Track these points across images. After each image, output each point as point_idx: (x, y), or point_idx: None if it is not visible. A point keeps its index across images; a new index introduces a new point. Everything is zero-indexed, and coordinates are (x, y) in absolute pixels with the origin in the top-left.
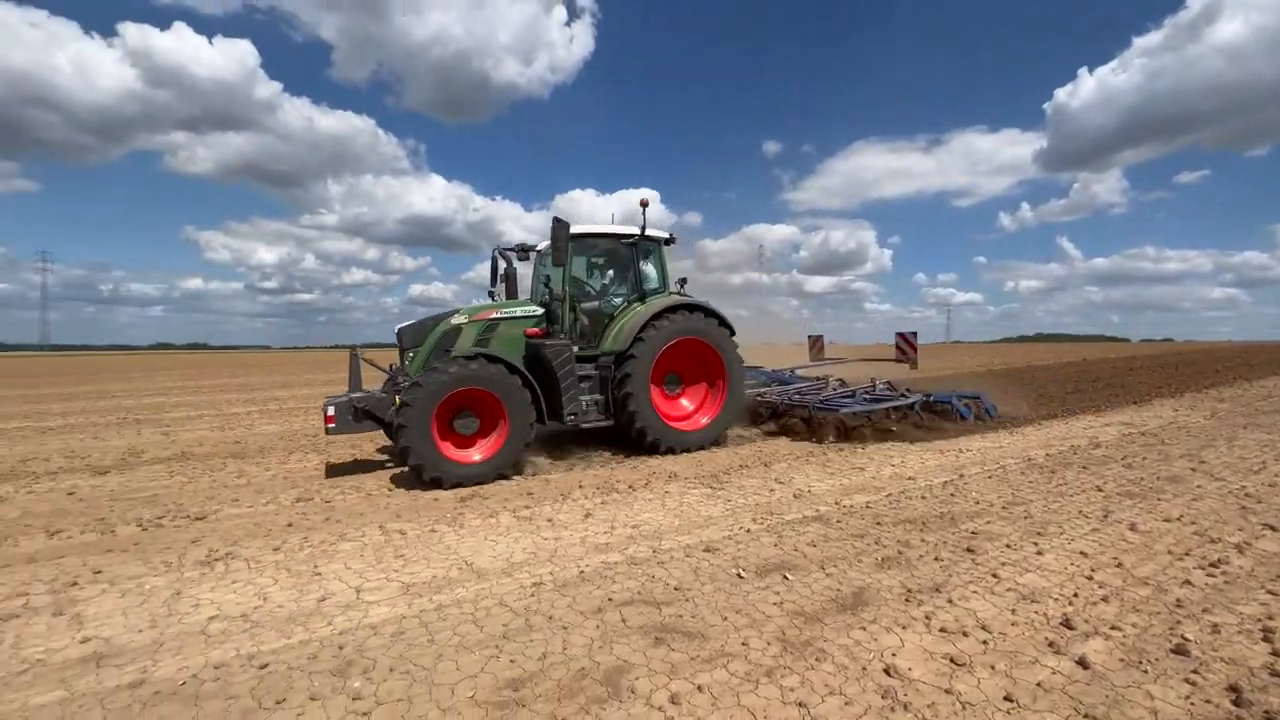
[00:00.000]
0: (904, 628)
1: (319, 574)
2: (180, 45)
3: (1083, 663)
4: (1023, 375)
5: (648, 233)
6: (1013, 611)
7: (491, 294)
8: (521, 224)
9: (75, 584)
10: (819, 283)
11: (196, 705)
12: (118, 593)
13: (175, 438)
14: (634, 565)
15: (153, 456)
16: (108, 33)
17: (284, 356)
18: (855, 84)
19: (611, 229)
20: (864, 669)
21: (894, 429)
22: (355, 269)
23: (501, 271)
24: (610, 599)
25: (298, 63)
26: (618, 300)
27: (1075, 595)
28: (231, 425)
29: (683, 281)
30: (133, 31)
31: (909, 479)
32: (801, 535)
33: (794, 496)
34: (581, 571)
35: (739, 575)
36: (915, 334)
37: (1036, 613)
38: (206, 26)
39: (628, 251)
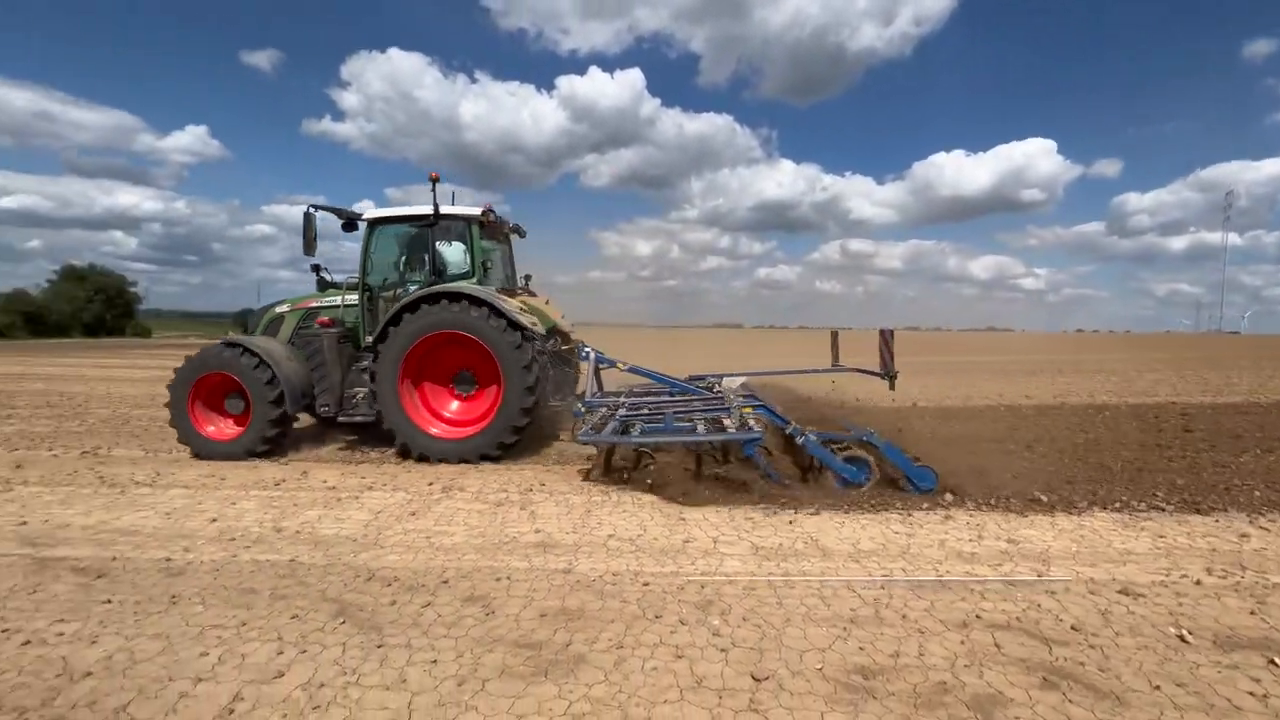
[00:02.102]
0: None
1: (684, 520)
2: (593, 85)
3: None
4: None
5: (446, 211)
6: None
7: (315, 268)
8: (872, 199)
9: (531, 490)
10: None
11: (601, 600)
12: (554, 503)
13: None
14: (1011, 587)
15: None
16: (550, 87)
17: (654, 332)
18: None
19: (407, 210)
20: None
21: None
22: (710, 257)
23: (314, 236)
24: (978, 616)
25: (672, 77)
26: (413, 287)
27: None
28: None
29: (527, 278)
30: (564, 83)
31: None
32: None
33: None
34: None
35: (1180, 638)
36: (893, 332)
37: None
38: (610, 64)
39: (425, 234)
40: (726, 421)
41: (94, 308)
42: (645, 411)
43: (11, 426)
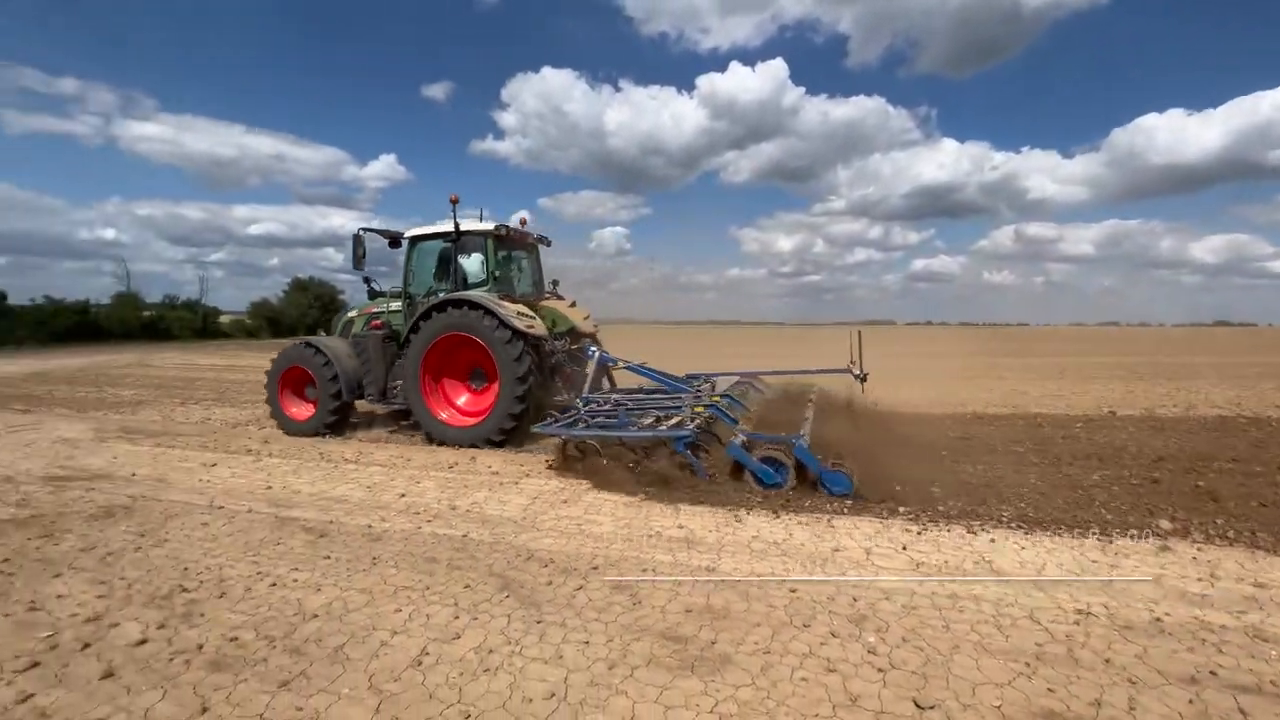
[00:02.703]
0: None
1: (833, 527)
2: (733, 80)
3: None
4: None
5: (465, 228)
6: None
7: (367, 280)
8: (1055, 175)
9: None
10: None
11: (746, 602)
12: (698, 503)
13: None
14: (1260, 641)
15: None
16: (690, 88)
17: (795, 330)
18: None
19: (437, 228)
20: None
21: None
22: (858, 249)
23: (363, 254)
24: (1213, 673)
25: (817, 63)
26: (442, 295)
27: None
28: None
29: (555, 283)
30: (703, 81)
31: None
32: None
33: None
34: (1159, 620)
35: None
36: (860, 333)
37: None
38: (751, 57)
39: (450, 248)
40: (662, 421)
41: (314, 312)
42: (608, 407)
43: (263, 410)
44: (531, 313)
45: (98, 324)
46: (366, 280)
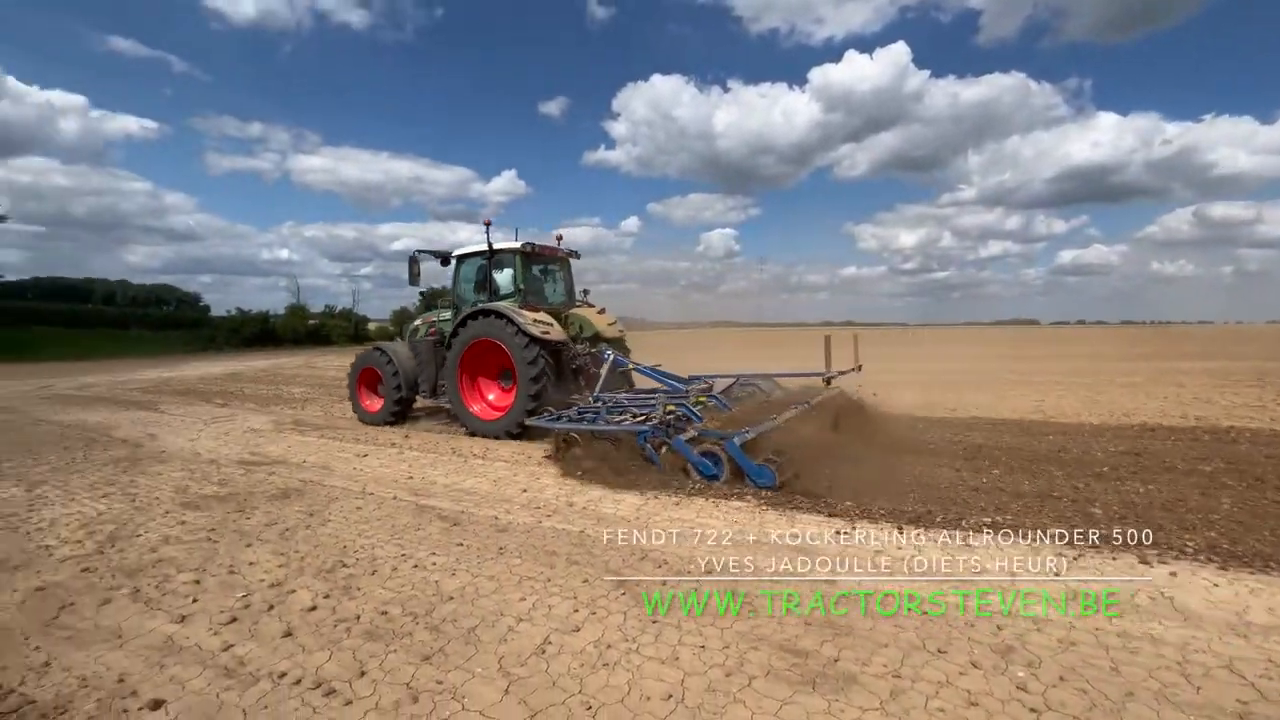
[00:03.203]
0: None
1: (969, 546)
2: (849, 70)
3: None
4: None
5: (497, 247)
6: None
7: (422, 294)
8: (1251, 146)
9: (795, 497)
10: None
11: (871, 620)
12: (814, 512)
13: None
14: None
15: None
16: (801, 82)
17: (918, 332)
18: None
19: (476, 248)
20: None
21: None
22: (992, 241)
23: (418, 273)
24: None
25: (944, 43)
26: (478, 305)
27: None
28: (884, 392)
29: (585, 292)
30: (816, 74)
31: None
32: None
33: None
34: None
35: None
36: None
37: None
38: (868, 44)
39: (485, 264)
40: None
41: None
42: (597, 405)
43: None
44: (550, 320)
45: (275, 331)
46: (423, 295)
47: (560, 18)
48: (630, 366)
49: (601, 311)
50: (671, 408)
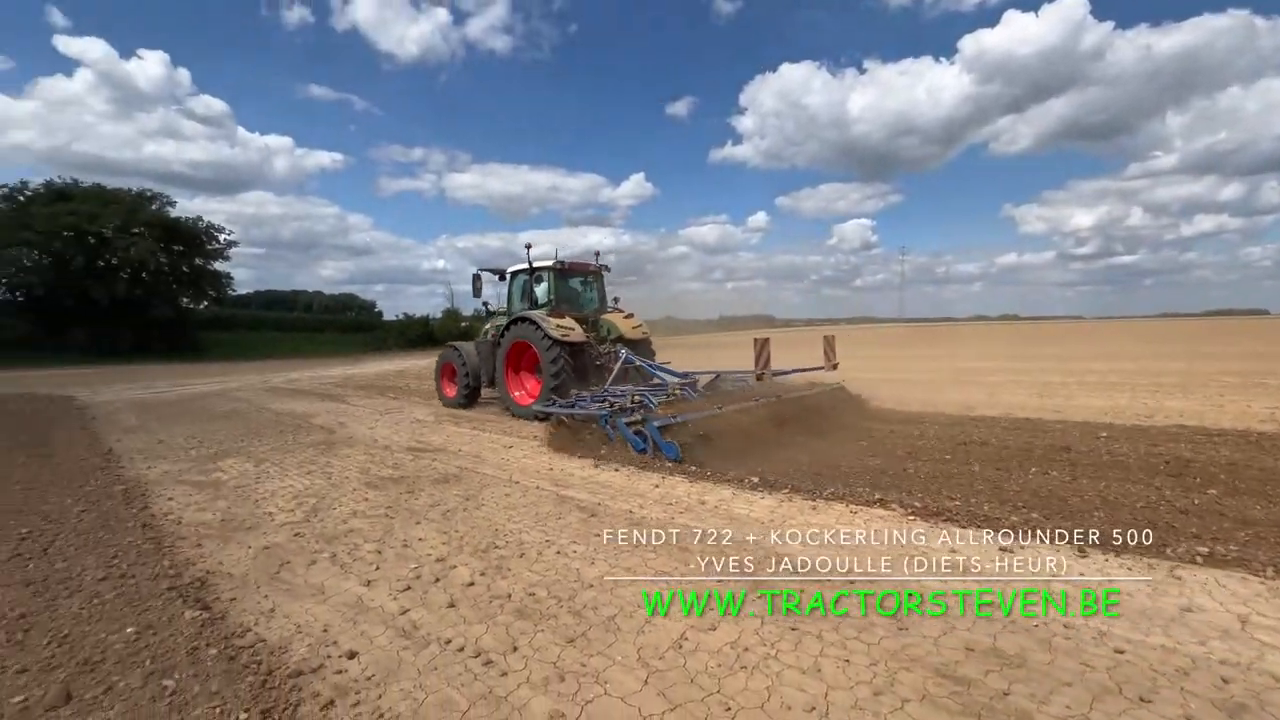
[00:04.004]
0: None
1: (1178, 579)
2: (1008, 33)
3: None
4: None
5: (536, 265)
6: None
7: (485, 304)
8: None
9: (941, 514)
10: None
11: (1050, 654)
12: (971, 528)
13: (998, 398)
14: None
15: (982, 414)
16: (949, 53)
17: (1097, 326)
18: None
19: (521, 266)
20: None
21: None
22: (1200, 216)
23: (480, 287)
24: None
25: None
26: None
27: None
28: (1048, 394)
29: (615, 299)
30: (968, 42)
31: None
32: None
33: None
34: None
35: None
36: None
37: None
38: (1031, 1)
39: (527, 279)
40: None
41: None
42: (584, 395)
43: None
44: (573, 325)
45: (433, 333)
46: (485, 304)
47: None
48: (638, 363)
49: (628, 316)
50: (637, 398)
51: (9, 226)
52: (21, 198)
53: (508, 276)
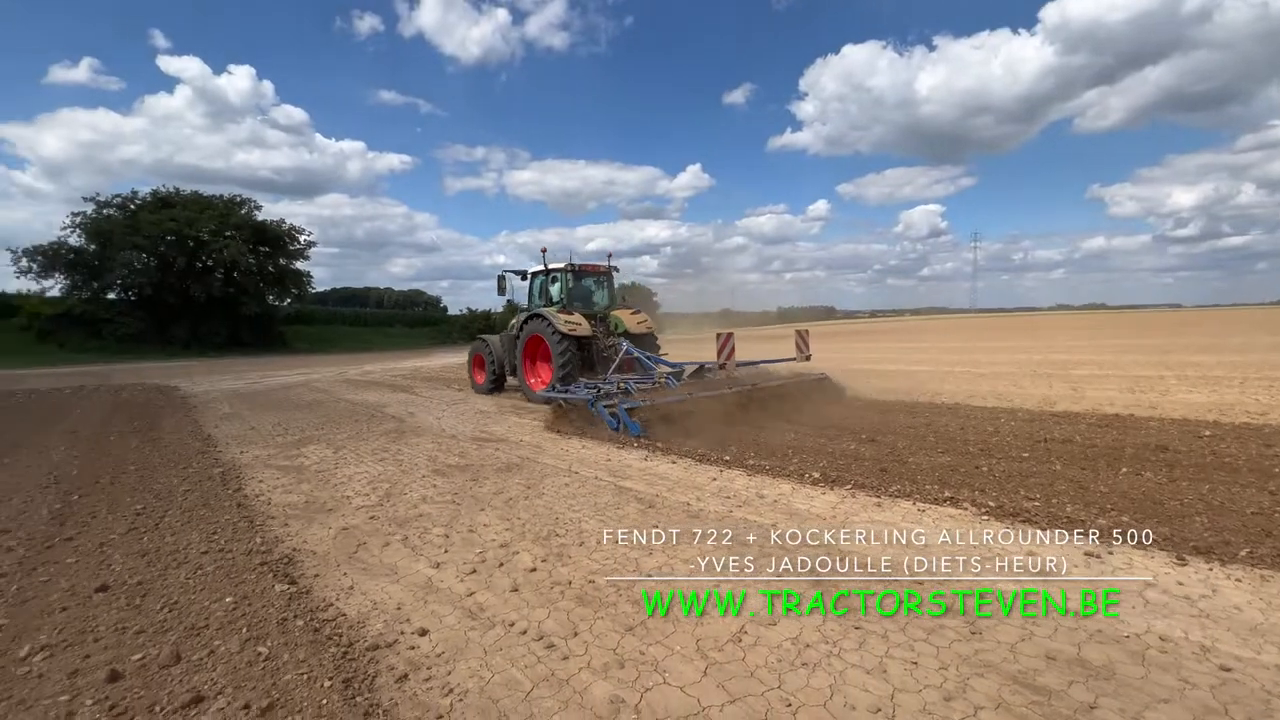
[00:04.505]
0: None
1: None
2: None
3: None
4: None
5: (550, 267)
6: None
7: (510, 302)
8: None
9: (1024, 513)
10: None
11: (1143, 667)
12: (1056, 529)
13: (1083, 393)
14: None
15: (1065, 409)
16: (1030, 24)
17: (1200, 315)
18: None
19: (539, 267)
20: None
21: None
22: None
23: (504, 286)
24: None
25: None
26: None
27: None
28: (1141, 388)
29: (624, 298)
30: (1050, 11)
31: None
32: None
33: None
34: None
35: None
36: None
37: None
38: None
39: (544, 279)
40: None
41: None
42: (582, 383)
43: None
44: (580, 320)
45: (494, 327)
46: (509, 302)
47: (743, 3)
48: (637, 355)
49: (635, 312)
50: (623, 385)
51: (122, 232)
52: (132, 206)
53: (528, 277)
